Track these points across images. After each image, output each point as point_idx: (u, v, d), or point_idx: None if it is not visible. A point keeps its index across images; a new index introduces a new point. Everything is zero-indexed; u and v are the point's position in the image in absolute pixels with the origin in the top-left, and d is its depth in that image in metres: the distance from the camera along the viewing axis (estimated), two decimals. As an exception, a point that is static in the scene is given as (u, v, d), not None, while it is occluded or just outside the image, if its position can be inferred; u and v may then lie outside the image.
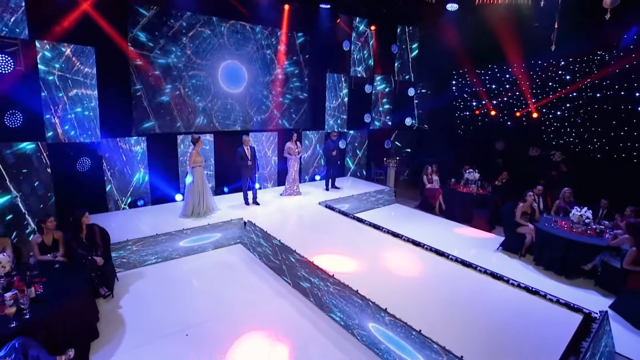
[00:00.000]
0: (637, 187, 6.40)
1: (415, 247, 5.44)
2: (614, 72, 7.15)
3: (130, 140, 7.04)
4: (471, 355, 2.97)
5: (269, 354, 3.62)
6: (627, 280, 4.30)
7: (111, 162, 6.85)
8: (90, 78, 6.44)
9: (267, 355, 3.60)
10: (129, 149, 7.05)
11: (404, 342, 3.33)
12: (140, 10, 6.73)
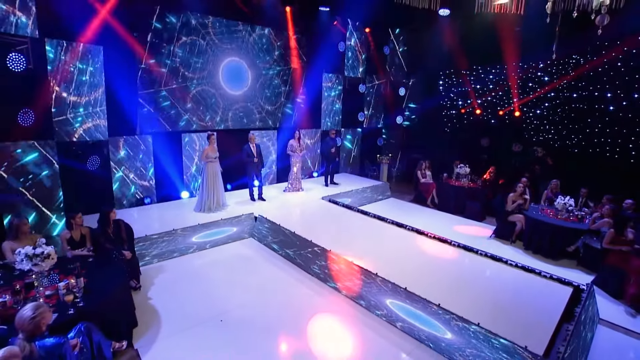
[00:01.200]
0: (611, 177, 7.13)
1: (419, 235, 5.91)
2: (587, 74, 7.87)
3: (137, 139, 7.16)
4: (484, 322, 3.43)
5: (299, 332, 3.97)
6: (606, 257, 4.92)
7: (118, 160, 6.95)
8: (99, 77, 6.52)
9: (297, 333, 3.95)
10: (136, 147, 7.17)
11: (428, 316, 3.77)
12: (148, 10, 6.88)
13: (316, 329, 4.05)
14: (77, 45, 6.17)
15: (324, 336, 3.94)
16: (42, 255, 3.35)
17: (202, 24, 7.66)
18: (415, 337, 3.85)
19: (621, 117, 7.39)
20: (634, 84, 7.13)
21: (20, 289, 3.24)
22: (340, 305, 4.55)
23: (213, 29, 7.84)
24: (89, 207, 5.96)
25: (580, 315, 3.58)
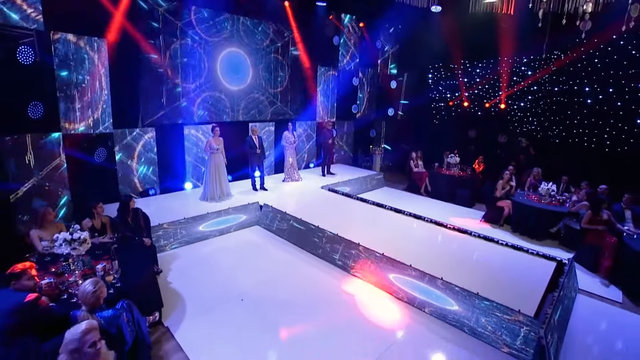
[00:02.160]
0: (589, 164, 7.76)
1: (417, 219, 6.35)
2: (568, 70, 8.43)
3: (141, 131, 7.30)
4: (481, 292, 3.89)
5: (316, 308, 4.35)
6: (584, 236, 5.49)
7: (123, 152, 7.09)
8: (103, 69, 6.61)
9: (315, 309, 4.33)
10: (140, 139, 7.31)
11: (432, 288, 4.21)
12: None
13: (331, 305, 4.43)
14: (81, 37, 6.24)
15: (340, 310, 4.32)
16: (79, 240, 3.59)
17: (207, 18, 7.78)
18: (420, 307, 4.29)
19: (598, 110, 8.00)
20: (609, 79, 7.72)
21: (63, 271, 3.48)
22: (349, 283, 4.94)
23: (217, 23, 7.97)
24: (95, 198, 6.16)
25: (563, 285, 4.09)
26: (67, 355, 2.11)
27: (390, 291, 4.62)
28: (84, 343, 2.12)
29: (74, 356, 2.10)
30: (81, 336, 2.13)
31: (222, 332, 3.87)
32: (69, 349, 2.10)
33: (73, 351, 2.10)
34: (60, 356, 2.13)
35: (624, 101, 7.51)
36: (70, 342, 2.12)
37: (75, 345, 2.11)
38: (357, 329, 3.98)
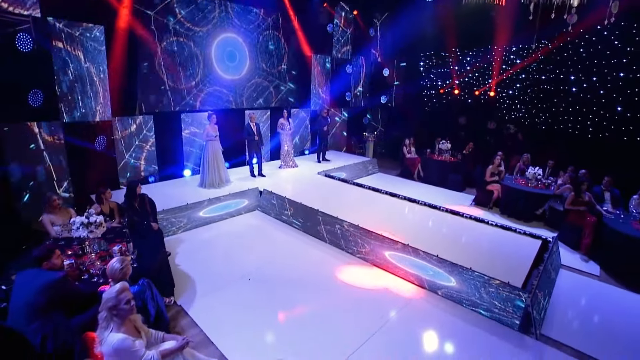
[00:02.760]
0: (573, 150, 8.16)
1: (411, 203, 6.66)
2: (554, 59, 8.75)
3: (140, 119, 7.35)
4: (474, 267, 4.21)
5: (320, 285, 4.63)
6: (567, 217, 5.88)
7: (122, 140, 7.15)
8: (101, 56, 6.60)
9: (319, 286, 4.60)
10: (139, 126, 7.36)
11: (428, 264, 4.52)
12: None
13: (333, 283, 4.71)
14: (79, 24, 6.21)
15: (341, 287, 4.61)
16: (96, 223, 3.75)
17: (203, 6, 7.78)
18: (417, 283, 4.61)
19: (582, 98, 8.36)
20: (593, 68, 8.06)
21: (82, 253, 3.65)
22: (350, 261, 5.23)
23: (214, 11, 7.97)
24: (95, 186, 6.25)
25: (547, 259, 4.46)
26: (107, 312, 2.34)
27: (388, 269, 4.92)
28: (119, 301, 2.36)
29: (112, 312, 2.34)
30: (117, 295, 2.36)
31: (233, 309, 4.11)
32: (108, 306, 2.34)
33: (111, 308, 2.34)
34: (100, 313, 2.36)
35: (606, 90, 7.88)
36: (108, 300, 2.35)
37: (113, 302, 2.34)
38: (359, 303, 4.27)
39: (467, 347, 3.58)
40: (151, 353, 2.44)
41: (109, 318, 2.38)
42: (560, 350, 3.57)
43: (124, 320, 2.44)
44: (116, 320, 2.39)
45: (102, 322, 2.39)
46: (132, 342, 2.37)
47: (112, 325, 2.37)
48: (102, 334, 2.36)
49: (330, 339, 3.63)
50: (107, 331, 2.35)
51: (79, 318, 3.02)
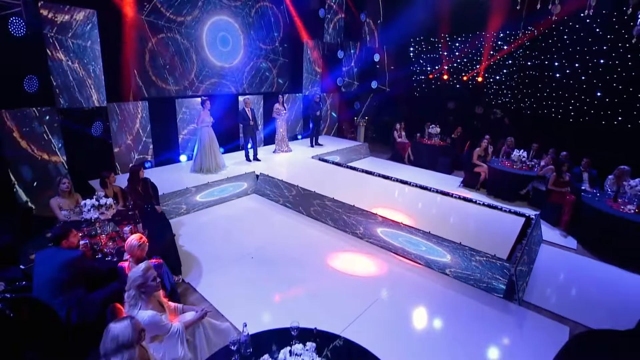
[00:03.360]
0: (557, 134, 8.55)
1: (403, 185, 6.95)
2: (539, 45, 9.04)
3: (134, 104, 7.36)
4: (463, 242, 4.54)
5: (319, 262, 4.90)
6: (549, 196, 6.27)
7: (117, 126, 7.17)
8: (94, 41, 6.55)
9: (318, 263, 4.88)
10: (132, 112, 7.38)
11: (421, 240, 4.83)
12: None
13: (331, 259, 4.99)
14: (71, 9, 6.14)
15: (339, 263, 4.89)
16: (106, 205, 3.89)
17: None
18: (410, 258, 4.93)
19: (565, 83, 8.72)
20: (575, 55, 8.39)
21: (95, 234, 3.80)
22: (346, 240, 5.51)
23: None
24: (91, 171, 6.38)
25: (530, 235, 4.82)
26: (135, 289, 2.52)
27: (383, 246, 5.23)
28: (147, 278, 2.54)
29: (140, 290, 2.53)
30: (143, 273, 2.54)
31: (239, 285, 4.35)
32: (136, 284, 2.52)
33: (140, 285, 2.52)
34: (129, 291, 2.54)
35: (587, 75, 8.24)
36: (136, 279, 2.53)
37: (140, 280, 2.52)
38: (356, 278, 4.57)
39: (458, 314, 3.93)
40: (176, 325, 2.65)
41: (137, 296, 2.55)
42: (540, 314, 3.96)
43: (150, 296, 2.63)
44: (144, 298, 2.57)
45: (130, 299, 2.56)
46: (161, 317, 2.57)
47: (140, 303, 2.55)
48: (131, 312, 2.52)
49: (330, 310, 3.91)
50: (136, 309, 2.52)
51: (99, 293, 3.20)
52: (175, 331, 2.61)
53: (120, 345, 1.97)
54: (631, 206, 5.26)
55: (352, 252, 5.19)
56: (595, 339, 2.62)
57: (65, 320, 2.94)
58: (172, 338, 2.61)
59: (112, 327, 2.01)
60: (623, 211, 5.21)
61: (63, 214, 4.42)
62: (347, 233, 5.69)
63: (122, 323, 2.02)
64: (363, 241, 5.47)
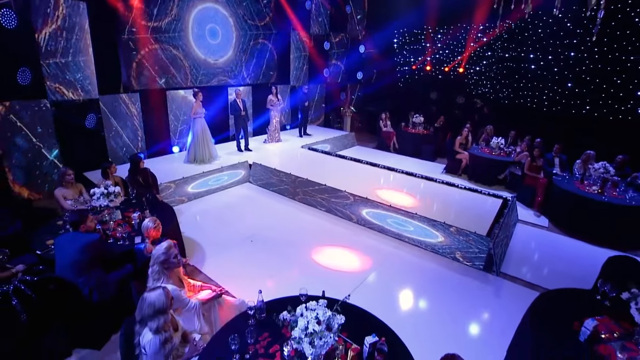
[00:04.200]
0: (532, 122, 9.11)
1: (390, 171, 7.34)
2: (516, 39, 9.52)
3: (126, 96, 7.41)
4: (447, 221, 4.97)
5: (316, 243, 5.24)
6: (524, 180, 6.79)
7: (110, 118, 7.23)
8: (84, 33, 6.56)
9: (314, 244, 5.22)
10: (125, 104, 7.44)
11: (409, 220, 5.23)
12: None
13: (324, 241, 5.34)
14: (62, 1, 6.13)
15: (332, 244, 5.25)
16: (115, 193, 4.09)
17: None
18: (398, 237, 5.34)
19: (539, 75, 9.25)
20: (549, 48, 8.91)
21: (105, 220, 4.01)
22: (338, 222, 5.87)
23: None
24: (85, 163, 6.52)
25: (507, 214, 5.30)
26: (159, 265, 2.79)
27: (374, 227, 5.61)
28: (169, 255, 2.81)
29: (164, 265, 2.80)
30: (166, 251, 2.81)
31: (241, 265, 4.65)
32: (159, 260, 2.78)
33: (163, 262, 2.79)
34: (152, 267, 2.81)
35: (559, 67, 8.78)
36: (159, 256, 2.79)
37: (164, 257, 2.79)
38: (350, 255, 4.94)
39: (443, 285, 4.36)
40: (194, 301, 2.93)
41: (160, 272, 2.82)
42: (515, 283, 4.44)
43: (172, 272, 2.90)
44: (166, 273, 2.84)
45: (153, 275, 2.82)
46: (180, 292, 2.84)
47: (162, 278, 2.82)
48: (155, 285, 2.80)
49: (330, 283, 4.27)
50: (159, 283, 2.79)
51: (114, 274, 3.44)
52: (192, 306, 2.89)
53: (157, 311, 2.25)
54: (595, 187, 5.82)
55: (344, 234, 5.56)
56: (559, 295, 3.08)
57: (87, 298, 3.18)
58: (190, 312, 2.89)
59: (148, 295, 2.28)
60: (588, 192, 5.76)
61: (68, 203, 4.58)
62: (338, 216, 6.05)
63: (156, 292, 2.30)
64: (354, 223, 5.84)
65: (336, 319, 2.04)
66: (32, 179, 6.19)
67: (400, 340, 2.42)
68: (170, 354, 2.32)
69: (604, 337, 2.53)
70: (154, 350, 2.21)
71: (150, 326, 2.24)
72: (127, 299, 3.52)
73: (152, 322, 2.25)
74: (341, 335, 2.32)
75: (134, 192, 5.03)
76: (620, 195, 5.63)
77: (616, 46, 7.80)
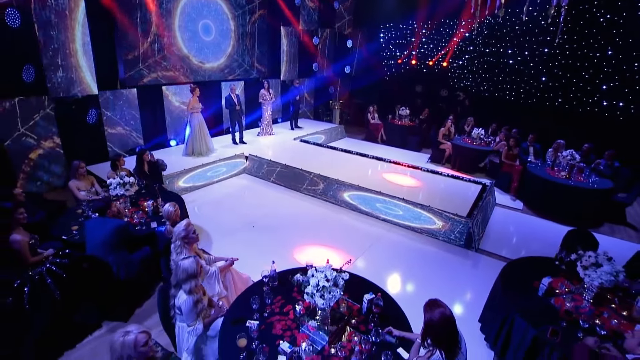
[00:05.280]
0: (510, 113, 9.74)
1: (379, 161, 7.85)
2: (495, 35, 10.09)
3: (124, 92, 7.66)
4: (432, 205, 5.50)
5: (314, 228, 5.71)
6: (502, 167, 7.39)
7: (109, 113, 7.48)
8: (84, 30, 6.75)
9: (313, 228, 5.68)
10: (123, 99, 7.69)
11: (398, 203, 5.75)
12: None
13: (320, 224, 5.81)
14: None
15: (327, 228, 5.72)
16: (130, 183, 4.45)
17: None
18: (387, 220, 5.86)
19: (516, 69, 9.86)
20: (525, 44, 9.52)
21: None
22: (333, 209, 6.34)
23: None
24: (86, 157, 6.72)
25: (485, 198, 5.87)
26: (180, 240, 3.21)
27: (366, 212, 6.11)
28: (189, 231, 3.22)
29: (184, 240, 3.21)
30: (185, 227, 3.22)
31: (246, 248, 5.07)
32: (180, 236, 3.20)
33: (184, 237, 3.20)
34: (174, 243, 3.22)
35: (535, 62, 9.41)
36: (180, 232, 3.20)
37: (184, 233, 3.20)
38: (345, 237, 5.43)
39: (428, 260, 4.90)
40: (213, 268, 3.37)
41: (181, 246, 3.23)
42: (491, 257, 5.01)
43: (191, 246, 3.32)
44: (186, 247, 3.26)
45: (176, 249, 3.24)
46: (200, 261, 3.27)
47: (184, 251, 3.24)
48: (177, 258, 3.22)
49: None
50: (182, 255, 3.21)
51: (137, 255, 3.83)
52: (212, 272, 3.33)
53: (189, 275, 2.68)
54: (564, 173, 6.44)
55: (339, 219, 6.04)
56: (524, 262, 3.63)
57: (116, 275, 3.57)
58: (211, 277, 3.33)
59: (182, 263, 2.71)
60: (557, 177, 6.39)
61: (81, 194, 4.91)
62: (333, 203, 6.52)
63: (188, 260, 2.72)
64: (346, 209, 6.32)
65: (341, 277, 2.51)
66: (37, 173, 6.45)
67: (392, 297, 2.92)
68: (201, 313, 2.76)
69: (558, 291, 3.09)
70: (188, 308, 2.64)
71: (184, 288, 2.67)
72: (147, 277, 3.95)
73: (185, 285, 2.67)
74: (343, 296, 2.79)
75: (142, 183, 5.38)
76: (585, 180, 6.27)
77: (584, 43, 8.45)
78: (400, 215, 5.77)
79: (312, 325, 2.58)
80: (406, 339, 2.53)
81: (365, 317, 2.72)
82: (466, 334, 2.28)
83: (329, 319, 2.61)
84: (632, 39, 7.80)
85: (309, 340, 2.48)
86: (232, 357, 2.35)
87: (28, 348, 3.07)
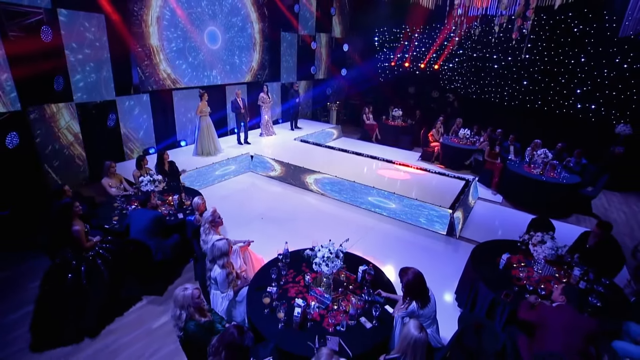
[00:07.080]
0: (494, 114, 10.51)
1: (373, 160, 8.60)
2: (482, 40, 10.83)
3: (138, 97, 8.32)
4: (419, 198, 6.25)
5: (318, 219, 6.45)
6: (485, 164, 8.16)
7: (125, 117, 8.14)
8: (103, 42, 7.41)
9: (318, 219, 6.42)
10: (138, 104, 8.36)
11: (390, 196, 6.50)
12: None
13: (321, 217, 6.55)
14: (84, 14, 6.96)
15: (327, 220, 6.46)
16: (159, 180, 5.16)
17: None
18: (379, 212, 6.61)
19: (501, 73, 10.63)
20: (508, 50, 10.28)
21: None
22: (331, 203, 7.08)
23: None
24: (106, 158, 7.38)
25: (467, 191, 6.64)
26: (208, 224, 3.94)
27: (361, 206, 6.86)
28: (215, 216, 3.97)
29: (212, 224, 3.95)
30: (212, 213, 3.97)
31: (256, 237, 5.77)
32: (208, 220, 3.94)
33: (211, 221, 3.94)
34: (203, 226, 3.95)
35: (517, 67, 10.18)
36: (208, 217, 3.95)
37: (211, 218, 3.94)
38: (343, 227, 6.18)
39: (415, 245, 5.66)
40: (235, 247, 4.10)
41: (209, 228, 3.97)
42: (470, 243, 5.77)
43: (217, 229, 4.06)
44: (213, 230, 4.00)
45: (205, 231, 3.98)
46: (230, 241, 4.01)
47: (212, 232, 3.98)
48: (207, 238, 3.96)
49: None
50: (210, 235, 3.95)
51: (169, 241, 4.55)
52: (234, 250, 4.07)
53: (223, 253, 3.41)
54: (538, 169, 7.22)
55: (337, 211, 6.78)
56: (492, 244, 4.40)
57: (154, 257, 4.29)
58: (234, 254, 4.07)
59: (217, 243, 3.44)
60: (532, 173, 7.16)
61: (112, 190, 5.61)
62: (333, 198, 7.26)
63: (222, 240, 3.45)
64: (345, 203, 7.07)
65: (341, 250, 3.26)
66: (66, 172, 7.14)
67: (380, 269, 3.67)
68: (231, 283, 3.49)
69: (515, 265, 3.85)
70: (222, 279, 3.38)
71: (218, 263, 3.41)
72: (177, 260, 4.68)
73: (219, 260, 3.41)
74: (343, 267, 3.54)
75: (165, 180, 6.07)
76: (556, 176, 7.05)
77: (560, 50, 9.22)
78: (389, 208, 6.52)
79: (320, 289, 3.33)
80: (391, 300, 3.29)
81: (360, 284, 3.48)
82: (444, 303, 3.03)
83: (332, 285, 3.36)
84: (601, 48, 8.57)
85: (316, 301, 3.23)
86: (259, 311, 3.09)
87: (89, 316, 3.79)
